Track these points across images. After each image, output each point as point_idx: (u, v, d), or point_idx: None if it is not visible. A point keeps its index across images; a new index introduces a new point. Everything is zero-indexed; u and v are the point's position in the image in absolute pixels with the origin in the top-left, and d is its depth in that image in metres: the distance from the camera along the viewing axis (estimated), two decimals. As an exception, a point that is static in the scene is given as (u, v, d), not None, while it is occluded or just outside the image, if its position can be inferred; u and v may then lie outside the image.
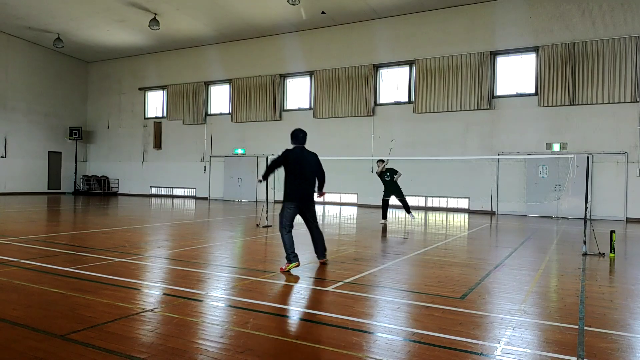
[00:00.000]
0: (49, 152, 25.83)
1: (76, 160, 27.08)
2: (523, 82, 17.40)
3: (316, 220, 6.38)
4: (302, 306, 4.45)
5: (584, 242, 7.95)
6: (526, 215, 16.68)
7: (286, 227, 6.08)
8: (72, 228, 10.94)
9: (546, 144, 16.69)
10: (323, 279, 5.59)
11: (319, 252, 6.39)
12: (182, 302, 4.48)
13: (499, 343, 3.52)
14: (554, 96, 16.47)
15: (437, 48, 18.47)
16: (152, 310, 4.19)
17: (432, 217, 15.95)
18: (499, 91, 17.79)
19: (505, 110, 17.48)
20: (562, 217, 15.52)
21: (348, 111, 20.21)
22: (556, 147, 16.51)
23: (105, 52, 25.74)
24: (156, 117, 25.87)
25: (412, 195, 13.95)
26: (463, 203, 18.32)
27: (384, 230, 11.49)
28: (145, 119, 26.26)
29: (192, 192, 24.45)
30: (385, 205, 12.77)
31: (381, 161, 12.86)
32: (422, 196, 18.79)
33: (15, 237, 8.59)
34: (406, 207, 13.04)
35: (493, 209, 17.49)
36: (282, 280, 5.53)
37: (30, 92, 24.73)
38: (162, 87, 25.52)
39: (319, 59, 20.91)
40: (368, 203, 19.76)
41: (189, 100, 24.32)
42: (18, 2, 19.42)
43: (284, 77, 22.09)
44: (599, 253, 7.78)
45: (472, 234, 11.10)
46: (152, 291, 4.89)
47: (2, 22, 21.75)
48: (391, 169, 12.74)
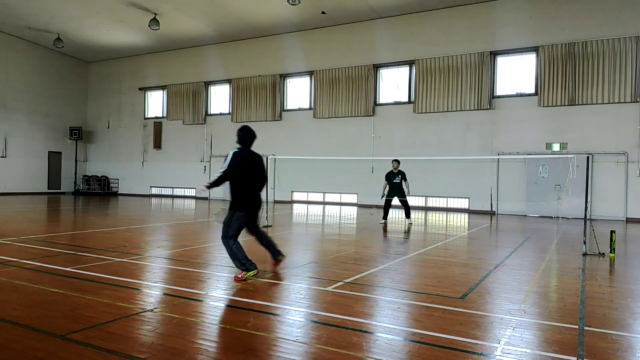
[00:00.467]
0: (49, 152, 25.83)
1: (76, 160, 27.08)
2: (523, 82, 17.39)
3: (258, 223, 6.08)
4: (302, 306, 4.45)
5: (584, 242, 7.95)
6: (526, 215, 16.68)
7: (232, 237, 5.55)
8: (72, 228, 10.94)
9: (546, 144, 16.69)
10: (323, 279, 5.59)
11: (275, 252, 6.03)
12: (182, 302, 4.48)
13: (499, 343, 3.52)
14: (554, 96, 16.47)
15: (437, 48, 18.47)
16: (152, 310, 4.19)
17: (432, 217, 15.95)
18: (499, 91, 17.78)
19: (505, 110, 17.48)
20: (562, 217, 15.51)
21: (348, 111, 20.21)
22: (556, 147, 16.50)
23: (105, 52, 25.75)
24: (156, 117, 25.88)
25: (412, 196, 14.02)
26: (463, 203, 18.32)
27: (384, 229, 11.55)
28: (145, 119, 26.27)
29: (192, 192, 24.45)
30: (387, 206, 12.87)
31: (397, 161, 12.88)
32: (422, 196, 18.79)
33: (15, 237, 8.59)
34: (407, 210, 13.06)
35: (493, 209, 17.49)
36: (282, 280, 5.53)
37: (30, 92, 24.73)
38: (162, 87, 25.53)
39: (319, 59, 20.91)
40: (368, 203, 19.78)
41: (189, 100, 24.33)
42: (18, 2, 19.41)
43: (284, 77, 22.09)
44: (599, 253, 7.78)
45: (472, 234, 11.10)
46: (152, 291, 4.89)
47: (2, 22, 21.75)
48: (404, 172, 12.79)
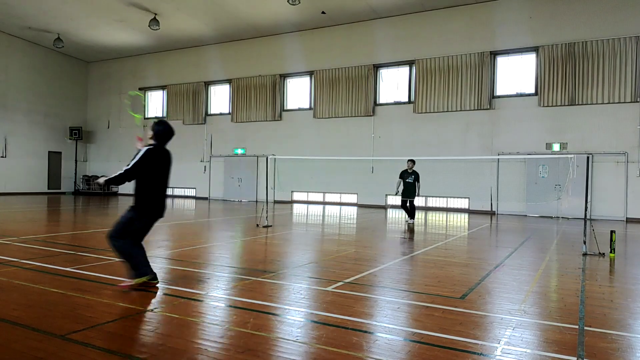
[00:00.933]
0: (49, 152, 25.83)
1: (76, 160, 27.08)
2: (523, 82, 17.39)
3: None
4: (302, 306, 4.44)
5: (584, 242, 7.95)
6: (526, 215, 16.68)
7: (129, 240, 4.94)
8: (72, 228, 10.94)
9: (546, 144, 16.69)
10: (323, 279, 5.59)
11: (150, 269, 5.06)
12: (182, 302, 4.48)
13: (499, 343, 3.52)
14: (554, 96, 16.47)
15: (437, 48, 18.47)
16: (152, 310, 4.19)
17: (432, 217, 15.95)
18: (499, 91, 17.78)
19: (505, 110, 17.48)
20: (562, 217, 15.51)
21: (348, 111, 20.21)
22: (556, 147, 16.51)
23: (105, 52, 25.75)
24: (156, 117, 25.88)
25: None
26: (463, 203, 18.32)
27: (411, 230, 11.57)
28: (145, 119, 26.26)
29: (192, 192, 24.45)
30: (404, 205, 13.07)
31: (412, 161, 13.04)
32: (422, 196, 18.71)
33: (15, 237, 8.58)
34: (412, 210, 13.08)
35: (493, 209, 17.49)
36: (282, 280, 5.53)
37: (30, 92, 24.73)
38: (162, 87, 25.53)
39: (319, 59, 20.91)
40: (368, 203, 19.78)
41: (189, 100, 24.33)
42: (18, 2, 19.41)
43: (284, 77, 22.08)
44: (599, 253, 7.78)
45: (472, 234, 11.10)
46: (152, 291, 4.89)
47: (2, 22, 21.75)
48: (417, 173, 12.97)
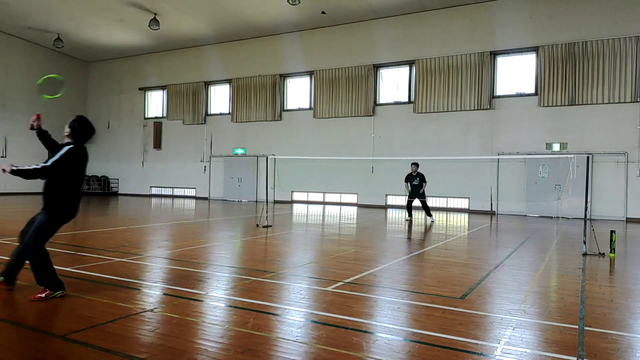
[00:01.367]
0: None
1: (76, 160, 27.05)
2: (523, 82, 17.40)
3: None
4: (302, 306, 4.44)
5: (584, 242, 7.95)
6: (526, 215, 16.68)
7: (41, 246, 4.70)
8: (72, 228, 10.93)
9: (546, 144, 16.69)
10: (323, 279, 5.59)
11: (13, 275, 4.85)
12: (182, 302, 4.48)
13: (499, 343, 3.52)
14: (554, 96, 16.47)
15: (437, 48, 18.47)
16: (152, 310, 4.18)
17: (433, 217, 15.91)
18: (499, 91, 17.79)
19: (505, 110, 17.48)
20: (562, 217, 15.51)
21: (348, 111, 20.21)
22: (556, 147, 16.51)
23: (105, 52, 25.74)
24: (156, 117, 25.88)
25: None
26: (463, 203, 18.32)
27: (410, 226, 12.45)
28: (145, 119, 26.27)
29: (192, 192, 24.44)
30: (409, 205, 14.08)
31: (415, 164, 13.71)
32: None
33: (15, 237, 8.56)
34: (426, 210, 13.94)
35: (493, 209, 17.49)
36: (282, 280, 5.52)
37: (30, 92, 24.69)
38: (162, 87, 25.52)
39: (319, 59, 20.91)
40: (368, 203, 19.78)
41: (189, 100, 24.33)
42: (18, 2, 19.41)
43: (284, 77, 22.08)
44: (599, 253, 7.78)
45: (472, 234, 11.10)
46: (152, 291, 4.89)
47: (2, 22, 21.74)
48: (422, 175, 13.65)
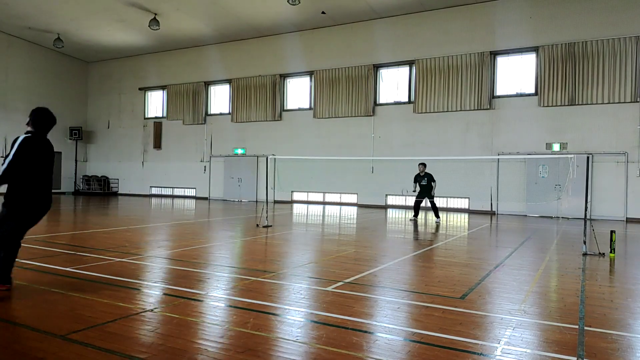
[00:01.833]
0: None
1: (76, 160, 27.07)
2: (523, 82, 17.40)
3: None
4: (302, 306, 4.44)
5: (584, 242, 7.95)
6: (526, 215, 16.68)
7: (14, 244, 4.62)
8: (72, 228, 10.93)
9: (546, 144, 16.69)
10: (323, 279, 5.59)
11: (6, 274, 4.67)
12: (182, 302, 4.48)
13: (499, 343, 3.52)
14: (554, 96, 16.47)
15: (437, 48, 18.47)
16: (152, 310, 4.18)
17: (432, 217, 15.92)
18: (499, 91, 17.79)
19: (505, 110, 17.48)
20: (562, 217, 15.51)
21: (348, 111, 20.21)
22: (556, 147, 16.51)
23: (105, 52, 25.74)
24: (156, 117, 25.87)
25: (412, 196, 14.20)
26: (463, 203, 18.32)
27: (415, 226, 12.42)
28: (145, 119, 26.27)
29: (192, 192, 24.45)
30: (417, 205, 14.06)
31: (422, 164, 13.71)
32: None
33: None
34: (435, 210, 13.88)
35: (493, 209, 17.49)
36: (282, 280, 5.52)
37: (30, 92, 24.71)
38: (162, 87, 25.52)
39: (319, 59, 20.91)
40: (368, 203, 19.78)
41: (189, 100, 24.33)
42: (18, 2, 19.41)
43: (284, 77, 22.08)
44: (599, 253, 7.78)
45: (472, 234, 11.10)
46: (152, 291, 4.89)
47: (2, 22, 21.74)
48: (430, 175, 13.66)
